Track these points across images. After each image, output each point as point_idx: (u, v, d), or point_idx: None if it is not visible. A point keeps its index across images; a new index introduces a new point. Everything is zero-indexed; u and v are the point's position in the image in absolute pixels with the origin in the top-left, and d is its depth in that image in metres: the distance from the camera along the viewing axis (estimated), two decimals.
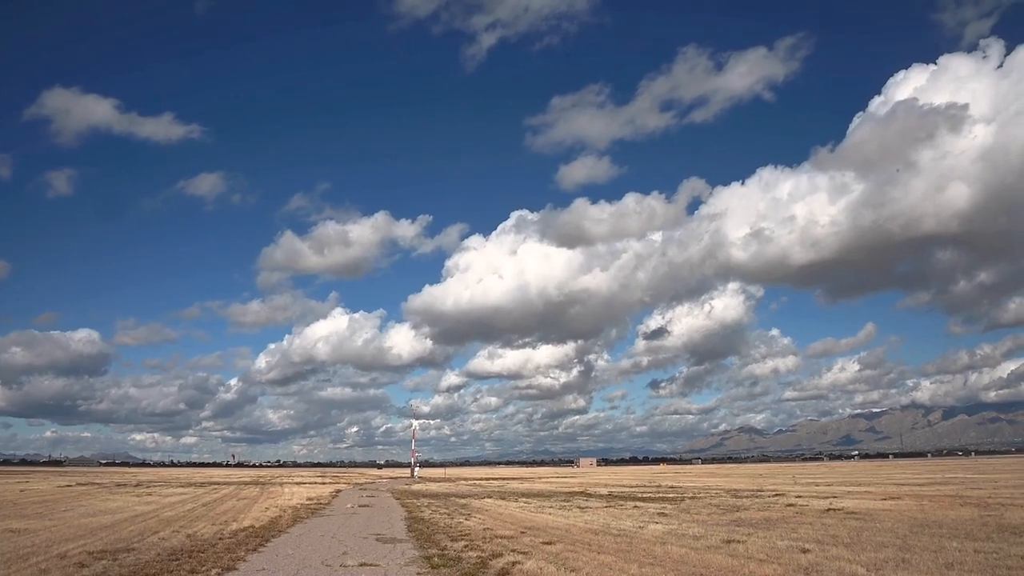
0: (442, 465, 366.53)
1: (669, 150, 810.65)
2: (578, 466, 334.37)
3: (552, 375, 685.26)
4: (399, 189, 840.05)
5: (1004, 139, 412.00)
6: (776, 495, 50.93)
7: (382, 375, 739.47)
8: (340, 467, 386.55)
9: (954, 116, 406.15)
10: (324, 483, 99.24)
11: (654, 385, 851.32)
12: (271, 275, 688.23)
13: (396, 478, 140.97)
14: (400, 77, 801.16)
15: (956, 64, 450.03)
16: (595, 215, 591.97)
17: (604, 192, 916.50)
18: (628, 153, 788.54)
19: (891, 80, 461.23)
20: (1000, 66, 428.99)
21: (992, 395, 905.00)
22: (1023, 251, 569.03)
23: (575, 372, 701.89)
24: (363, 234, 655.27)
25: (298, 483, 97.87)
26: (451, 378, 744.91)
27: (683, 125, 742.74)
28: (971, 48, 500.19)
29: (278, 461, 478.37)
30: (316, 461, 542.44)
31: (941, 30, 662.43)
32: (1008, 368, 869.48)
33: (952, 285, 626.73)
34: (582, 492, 63.76)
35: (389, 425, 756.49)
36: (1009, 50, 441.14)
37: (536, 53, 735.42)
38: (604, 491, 64.80)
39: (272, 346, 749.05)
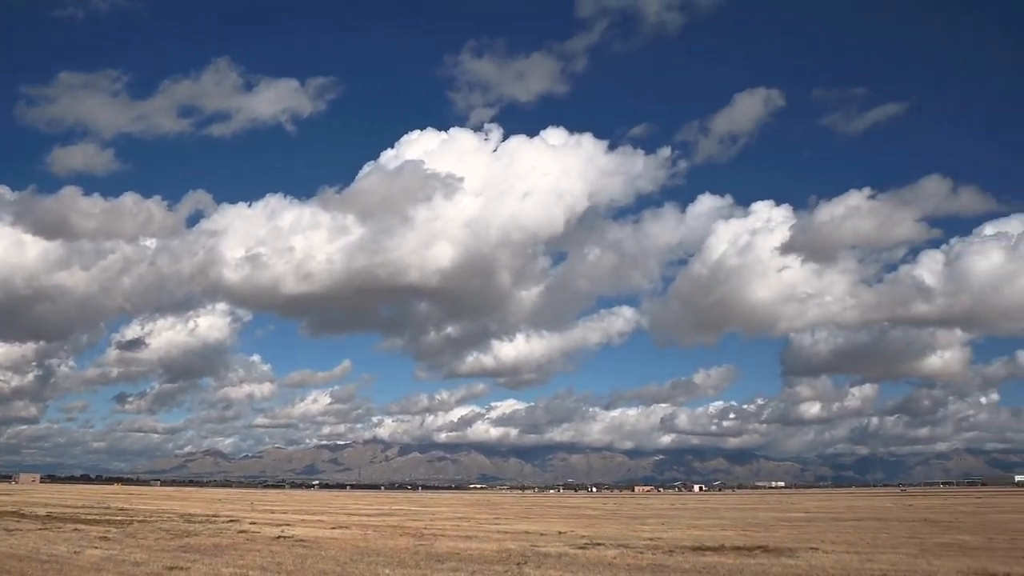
0: None
1: (180, 157, 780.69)
2: (17, 482, 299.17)
3: (2, 377, 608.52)
4: None
5: (487, 213, 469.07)
6: (231, 521, 50.45)
7: None
8: None
9: (451, 185, 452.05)
10: None
11: (121, 399, 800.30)
12: None
13: None
14: None
15: (463, 138, 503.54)
16: (86, 208, 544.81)
17: (101, 186, 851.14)
18: (136, 150, 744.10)
19: (405, 138, 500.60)
20: (495, 150, 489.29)
21: (443, 436, 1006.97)
22: (487, 312, 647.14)
23: (31, 376, 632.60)
24: None
25: None
26: None
27: (200, 135, 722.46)
28: (477, 128, 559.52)
29: None
30: None
31: (454, 107, 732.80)
32: (459, 413, 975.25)
33: (424, 335, 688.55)
34: (15, 512, 56.92)
35: None
36: (505, 138, 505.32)
37: (50, 19, 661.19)
38: (42, 511, 58.60)
39: None
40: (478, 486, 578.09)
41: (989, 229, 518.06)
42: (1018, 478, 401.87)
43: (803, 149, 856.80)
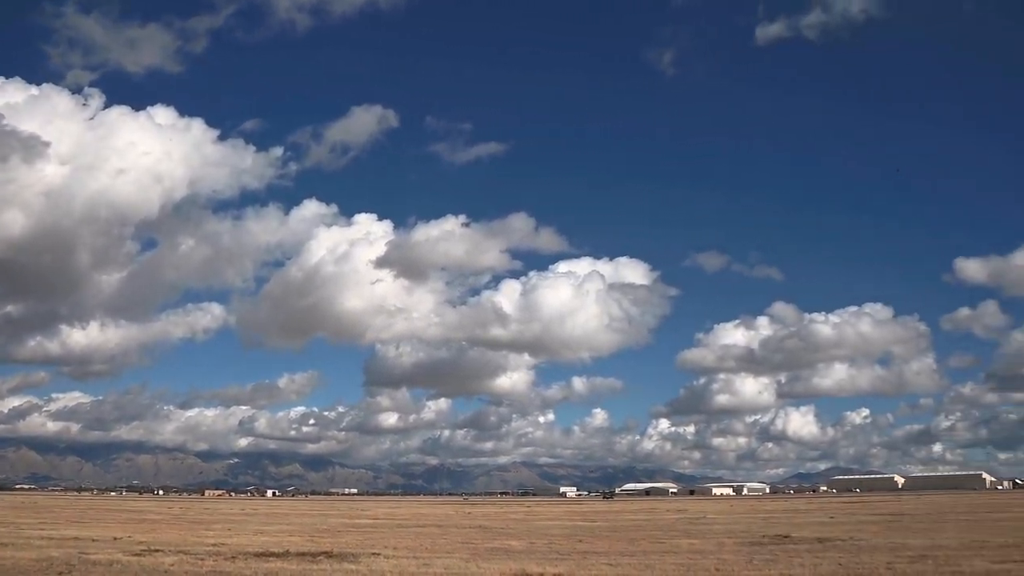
0: None
1: None
2: None
3: None
4: None
5: (73, 184, 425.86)
6: None
7: None
8: None
9: (34, 147, 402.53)
10: None
11: None
12: None
13: None
14: None
15: (56, 99, 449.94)
16: None
17: None
18: None
19: None
20: (93, 118, 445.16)
21: None
22: (58, 293, 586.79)
23: None
24: None
25: None
26: None
27: None
28: (75, 90, 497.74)
29: None
30: None
31: (48, 61, 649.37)
32: (12, 403, 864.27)
33: None
34: None
35: None
36: (106, 107, 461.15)
37: None
38: None
39: None
40: (26, 487, 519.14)
41: (562, 267, 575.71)
42: (563, 489, 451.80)
43: (409, 171, 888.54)
